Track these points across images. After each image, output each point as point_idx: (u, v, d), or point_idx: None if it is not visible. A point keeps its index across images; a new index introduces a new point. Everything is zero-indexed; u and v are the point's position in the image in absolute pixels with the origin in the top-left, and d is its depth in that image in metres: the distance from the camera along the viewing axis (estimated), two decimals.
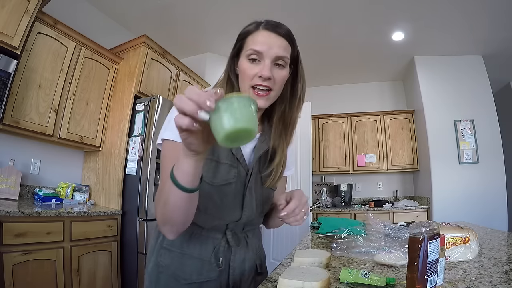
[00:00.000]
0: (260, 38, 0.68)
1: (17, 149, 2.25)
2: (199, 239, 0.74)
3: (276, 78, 0.68)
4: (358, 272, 0.62)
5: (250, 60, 0.68)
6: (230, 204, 0.74)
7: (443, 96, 3.76)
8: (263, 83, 0.67)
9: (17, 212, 1.63)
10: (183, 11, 3.09)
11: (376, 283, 0.58)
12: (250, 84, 0.68)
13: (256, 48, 0.67)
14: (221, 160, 0.71)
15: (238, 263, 0.77)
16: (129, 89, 2.59)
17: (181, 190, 0.52)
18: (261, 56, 0.67)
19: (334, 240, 1.04)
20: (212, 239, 0.74)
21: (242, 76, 0.70)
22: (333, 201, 4.08)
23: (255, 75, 0.67)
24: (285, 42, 0.69)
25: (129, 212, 2.35)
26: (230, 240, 0.75)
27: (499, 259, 0.84)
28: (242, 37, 0.72)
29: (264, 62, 0.67)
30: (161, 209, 0.60)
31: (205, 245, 0.74)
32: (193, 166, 0.51)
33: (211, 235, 0.74)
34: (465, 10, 2.93)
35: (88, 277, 2.03)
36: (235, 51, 0.74)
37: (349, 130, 4.34)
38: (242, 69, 0.70)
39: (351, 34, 3.44)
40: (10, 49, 1.87)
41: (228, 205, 0.73)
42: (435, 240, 0.53)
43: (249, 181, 0.75)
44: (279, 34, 0.68)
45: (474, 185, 3.47)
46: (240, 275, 0.77)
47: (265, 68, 0.66)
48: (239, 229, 0.79)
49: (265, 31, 0.68)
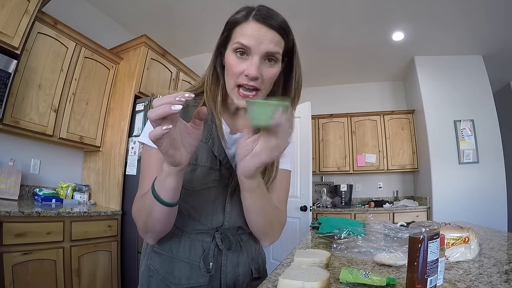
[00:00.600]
0: (249, 30, 0.60)
1: (17, 149, 2.25)
2: (188, 242, 0.70)
3: (265, 77, 0.61)
4: (358, 272, 0.62)
5: (237, 54, 0.61)
6: (210, 209, 0.69)
7: (443, 96, 3.76)
8: (249, 83, 0.60)
9: (17, 212, 1.63)
10: (183, 11, 3.09)
11: (376, 283, 0.58)
12: (236, 82, 0.62)
13: (244, 42, 0.59)
14: (199, 163, 0.67)
15: (230, 268, 0.72)
16: (129, 89, 2.59)
17: (164, 205, 0.53)
18: (249, 51, 0.60)
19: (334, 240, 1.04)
20: (202, 242, 0.70)
21: (228, 71, 0.64)
22: (333, 201, 4.07)
23: (242, 73, 0.60)
24: (277, 36, 0.61)
25: (129, 212, 2.35)
26: (220, 244, 0.70)
27: (499, 259, 0.84)
28: (229, 26, 0.64)
29: (252, 58, 0.60)
30: (144, 220, 0.60)
31: (194, 248, 0.69)
32: (175, 182, 0.51)
33: (200, 238, 0.70)
34: (465, 10, 2.93)
35: (88, 277, 2.03)
36: (222, 40, 0.66)
37: (349, 130, 4.34)
38: (228, 63, 0.63)
39: (351, 34, 3.44)
40: (10, 49, 1.87)
41: (208, 210, 0.69)
42: (435, 240, 0.53)
43: (231, 184, 0.69)
44: (270, 27, 0.60)
45: (474, 185, 3.47)
46: (233, 280, 0.72)
47: (253, 66, 0.59)
48: (232, 232, 0.73)
49: (255, 23, 0.60)
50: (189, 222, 0.69)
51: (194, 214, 0.69)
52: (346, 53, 3.91)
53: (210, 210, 0.69)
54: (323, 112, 4.46)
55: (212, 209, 0.69)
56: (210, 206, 0.69)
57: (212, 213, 0.69)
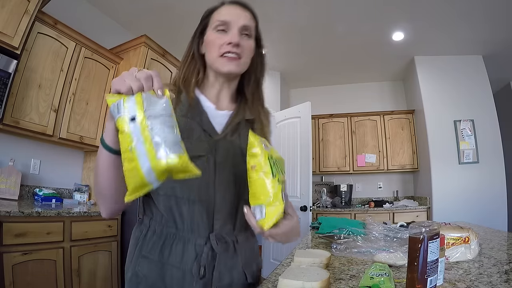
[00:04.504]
0: (225, 11, 0.71)
1: (17, 149, 2.24)
2: (181, 246, 0.66)
3: (245, 46, 0.70)
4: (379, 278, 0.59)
5: (218, 32, 0.70)
6: (201, 183, 0.65)
7: (443, 96, 3.76)
8: (232, 50, 0.68)
9: (17, 212, 1.63)
10: (183, 11, 3.09)
11: None
12: (220, 52, 0.69)
13: (224, 19, 0.69)
14: (188, 138, 0.65)
15: (224, 272, 0.68)
16: None
17: (107, 150, 0.54)
18: (228, 26, 0.69)
19: (334, 240, 1.04)
20: (194, 245, 0.66)
21: (210, 47, 0.71)
22: (333, 201, 4.07)
23: (224, 43, 0.68)
24: (250, 15, 0.73)
25: (129, 212, 2.35)
26: (216, 246, 0.66)
27: (499, 259, 0.84)
28: (207, 14, 0.75)
29: (232, 31, 0.69)
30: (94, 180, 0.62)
31: (186, 252, 0.65)
32: None
33: (193, 240, 0.66)
34: (465, 10, 2.93)
35: (88, 277, 2.03)
36: (200, 29, 0.75)
37: (349, 130, 4.34)
38: (210, 40, 0.71)
39: (351, 34, 3.44)
40: (10, 49, 1.87)
41: (198, 184, 0.65)
42: (435, 240, 0.53)
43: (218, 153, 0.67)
44: (244, 7, 0.72)
45: (474, 185, 3.47)
46: (228, 285, 0.68)
47: (234, 35, 0.68)
48: (228, 232, 0.69)
49: (230, 5, 0.72)
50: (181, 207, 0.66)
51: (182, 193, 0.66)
52: (346, 53, 3.91)
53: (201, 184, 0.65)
54: (323, 112, 4.46)
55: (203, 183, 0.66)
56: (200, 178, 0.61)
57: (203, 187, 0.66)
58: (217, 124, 0.71)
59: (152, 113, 0.44)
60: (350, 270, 0.77)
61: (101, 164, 0.57)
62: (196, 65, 0.76)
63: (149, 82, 0.49)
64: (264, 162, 0.51)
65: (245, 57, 0.71)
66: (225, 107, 0.76)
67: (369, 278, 0.60)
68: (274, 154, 0.56)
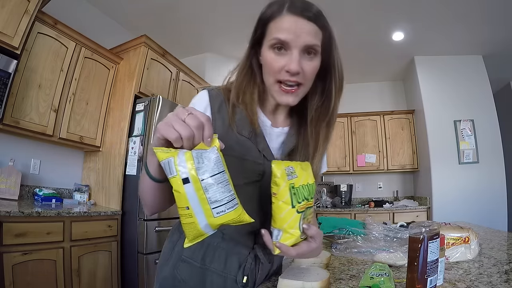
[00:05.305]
0: (285, 24, 0.57)
1: (17, 149, 2.24)
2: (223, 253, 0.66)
3: (306, 71, 0.59)
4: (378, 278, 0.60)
5: (274, 50, 0.59)
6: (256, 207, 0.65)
7: (443, 96, 3.76)
8: (290, 78, 0.58)
9: (17, 212, 1.63)
10: (183, 11, 3.09)
11: None
12: (276, 78, 0.60)
13: (281, 37, 0.57)
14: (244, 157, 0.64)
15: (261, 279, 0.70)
16: (129, 89, 2.59)
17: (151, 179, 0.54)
18: (287, 46, 0.57)
19: (334, 240, 1.04)
20: (238, 254, 0.66)
21: (266, 69, 0.62)
22: (333, 201, 4.07)
23: (282, 69, 0.58)
24: (315, 28, 0.58)
25: (129, 212, 2.35)
26: (261, 256, 0.66)
27: (499, 259, 0.84)
28: (263, 22, 0.61)
29: (291, 53, 0.57)
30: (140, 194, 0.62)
31: (230, 260, 0.66)
32: None
33: (237, 249, 0.66)
34: (465, 10, 2.93)
35: (88, 277, 2.03)
36: (256, 38, 0.64)
37: (349, 130, 4.34)
38: (266, 60, 0.60)
39: (351, 34, 3.43)
40: (10, 49, 1.86)
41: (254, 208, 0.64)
42: (435, 240, 0.53)
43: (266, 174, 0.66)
44: (307, 19, 0.57)
45: (474, 185, 3.47)
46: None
47: (293, 61, 0.57)
48: None
49: (291, 16, 0.57)
50: None
51: None
52: (346, 53, 3.85)
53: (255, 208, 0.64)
54: None
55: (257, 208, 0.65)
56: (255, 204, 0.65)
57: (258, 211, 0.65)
58: (272, 142, 0.68)
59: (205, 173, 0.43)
60: (350, 270, 0.77)
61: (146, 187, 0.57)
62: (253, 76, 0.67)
63: (201, 131, 0.44)
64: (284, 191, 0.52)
65: (306, 83, 0.61)
66: (280, 123, 0.71)
67: (369, 278, 0.60)
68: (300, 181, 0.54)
